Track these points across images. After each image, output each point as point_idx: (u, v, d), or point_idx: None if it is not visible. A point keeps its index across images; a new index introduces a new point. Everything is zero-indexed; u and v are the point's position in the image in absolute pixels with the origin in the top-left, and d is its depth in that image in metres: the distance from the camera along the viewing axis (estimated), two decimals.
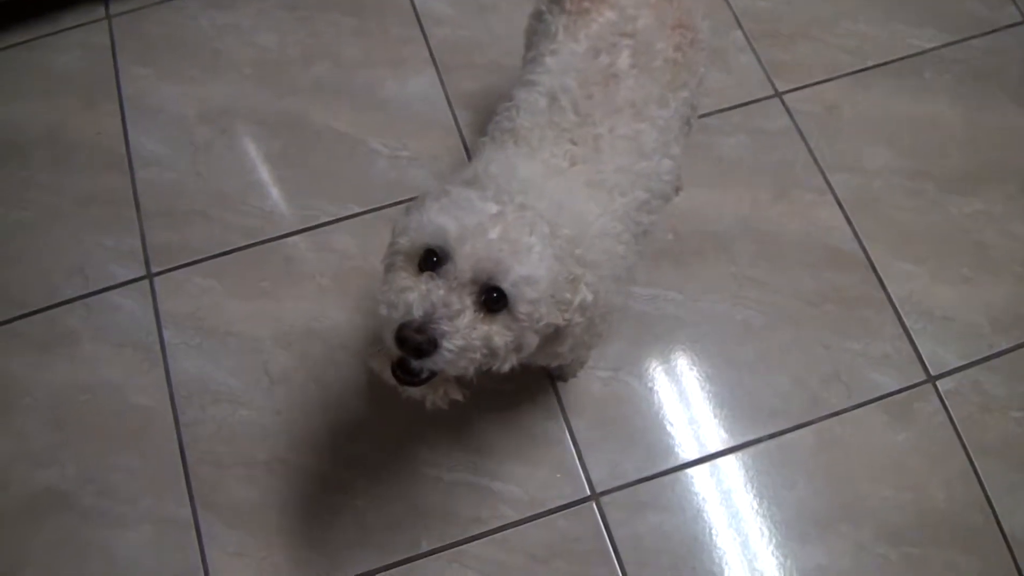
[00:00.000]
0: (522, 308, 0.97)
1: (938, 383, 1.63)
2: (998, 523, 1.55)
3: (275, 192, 1.78)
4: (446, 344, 0.95)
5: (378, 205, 1.77)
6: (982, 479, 1.57)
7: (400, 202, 1.76)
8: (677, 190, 1.62)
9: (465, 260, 0.95)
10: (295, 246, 1.73)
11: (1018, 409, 1.63)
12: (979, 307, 1.70)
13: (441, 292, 0.95)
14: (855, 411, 1.62)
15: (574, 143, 1.15)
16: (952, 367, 1.65)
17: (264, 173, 1.80)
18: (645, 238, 1.25)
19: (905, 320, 1.67)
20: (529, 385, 1.59)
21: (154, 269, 1.72)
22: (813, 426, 1.60)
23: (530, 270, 0.95)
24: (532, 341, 1.02)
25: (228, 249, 1.73)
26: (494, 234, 0.95)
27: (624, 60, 1.20)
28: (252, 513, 1.55)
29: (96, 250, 1.73)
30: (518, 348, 1.02)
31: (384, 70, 1.89)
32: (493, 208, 0.98)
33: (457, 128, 1.83)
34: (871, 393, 1.63)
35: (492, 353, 1.00)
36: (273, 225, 1.75)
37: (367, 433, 1.58)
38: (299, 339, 1.66)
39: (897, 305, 1.68)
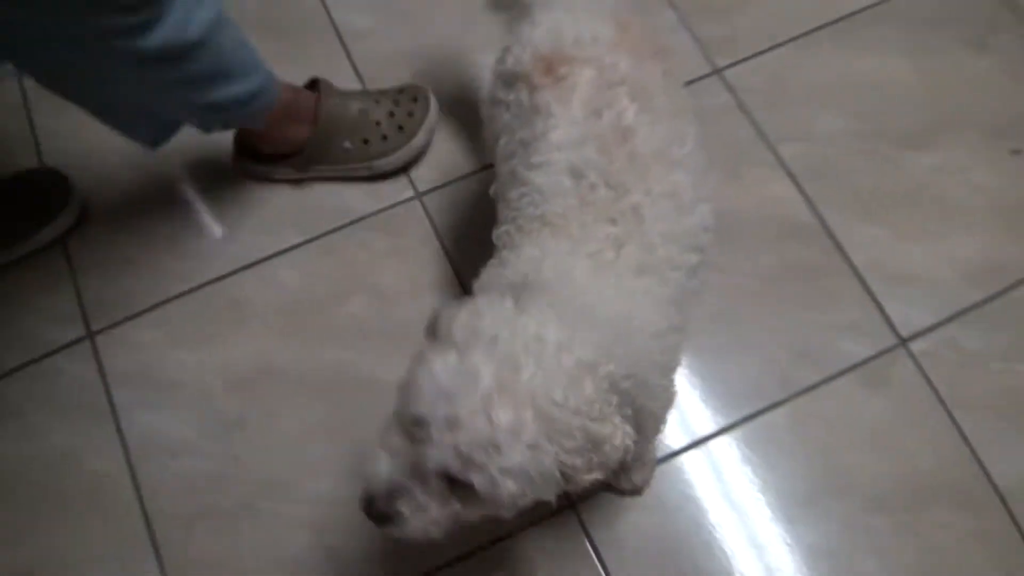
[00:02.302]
0: (502, 497, 0.86)
1: (910, 345, 1.59)
2: (987, 476, 1.51)
3: (212, 230, 1.73)
4: (405, 525, 0.89)
5: (323, 231, 1.72)
6: (966, 435, 1.53)
7: (341, 227, 1.71)
8: None
9: (437, 450, 0.84)
10: (239, 285, 1.67)
11: (998, 360, 1.59)
12: (947, 262, 1.65)
13: (405, 477, 0.88)
14: (828, 384, 1.57)
15: (614, 222, 1.07)
16: (924, 327, 1.61)
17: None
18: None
19: (870, 285, 1.63)
20: None
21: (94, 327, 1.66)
22: (786, 405, 1.56)
23: (512, 461, 0.82)
24: (527, 501, 0.90)
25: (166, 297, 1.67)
26: (477, 421, 0.82)
27: (629, 110, 1.12)
28: (223, 566, 1.50)
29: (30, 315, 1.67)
30: (513, 508, 0.91)
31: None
32: (486, 380, 0.83)
33: None
34: (843, 363, 1.58)
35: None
36: (211, 266, 1.69)
37: (328, 467, 1.53)
38: (251, 382, 1.61)
39: (860, 271, 1.64)
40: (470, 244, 1.68)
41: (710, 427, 1.55)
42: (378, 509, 0.89)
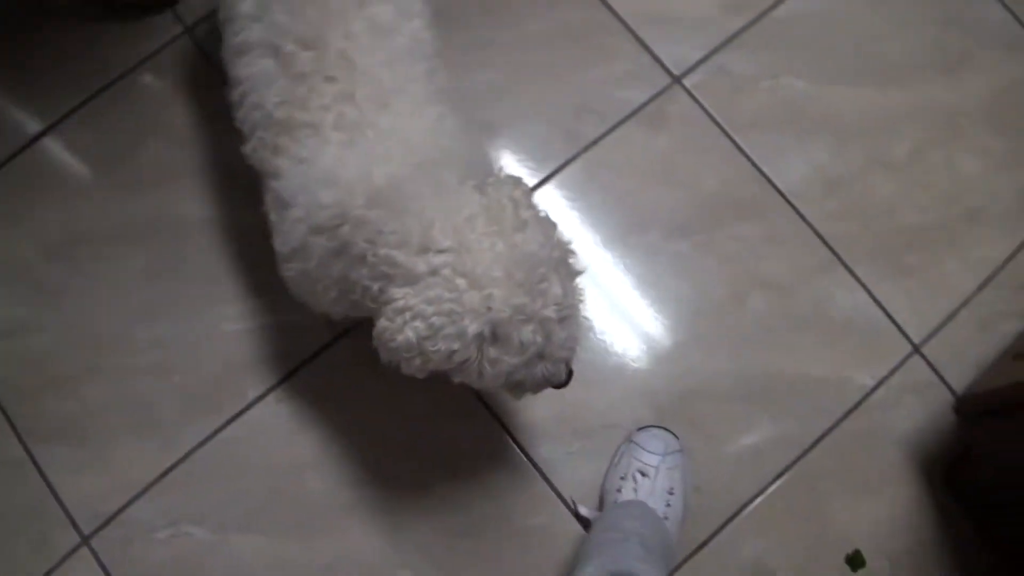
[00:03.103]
0: None
1: (684, 80, 1.67)
2: (772, 185, 1.62)
3: None
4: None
5: (105, 83, 1.68)
6: (746, 151, 1.64)
7: (125, 73, 1.68)
8: None
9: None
10: (39, 153, 1.64)
11: (767, 78, 1.69)
12: None
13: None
14: (613, 132, 1.65)
15: (332, 80, 1.07)
16: (693, 61, 1.68)
17: None
18: None
19: (637, 31, 1.69)
20: None
21: None
22: (577, 160, 1.64)
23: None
24: None
25: None
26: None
27: None
28: (81, 426, 1.54)
29: None
30: None
31: None
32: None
33: None
34: (623, 111, 1.66)
35: None
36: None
37: (162, 312, 1.57)
38: (65, 247, 1.61)
39: (627, 21, 1.70)
40: None
41: None
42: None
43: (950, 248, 1.61)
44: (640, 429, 1.47)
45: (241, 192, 1.54)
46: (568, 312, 0.99)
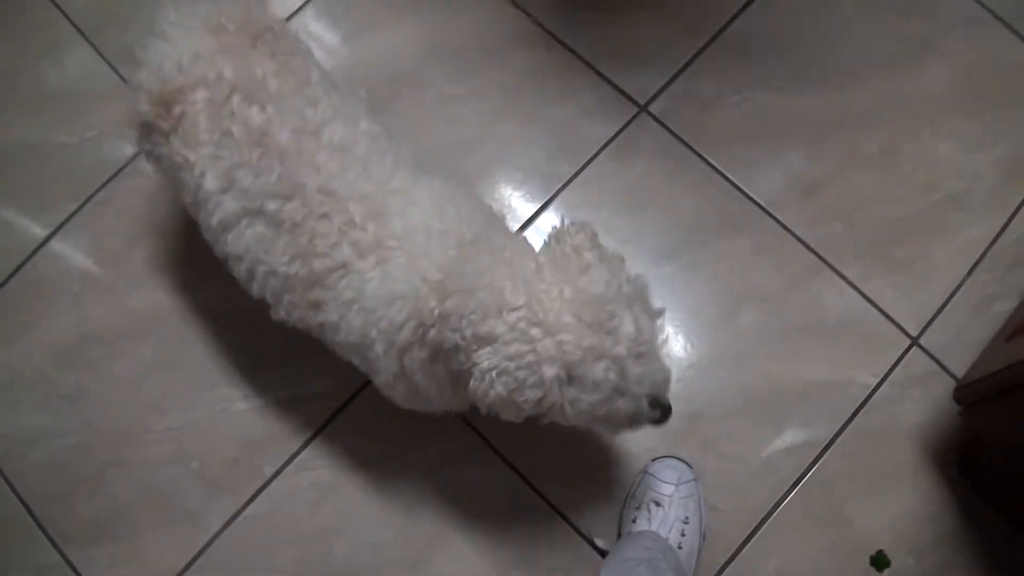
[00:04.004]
0: None
1: (650, 107, 1.70)
2: (750, 198, 1.65)
3: None
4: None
5: (90, 193, 1.74)
6: (721, 170, 1.66)
7: (108, 181, 1.74)
8: None
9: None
10: (35, 270, 1.71)
11: (732, 94, 1.71)
12: (661, 25, 1.75)
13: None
14: (587, 168, 1.68)
15: (326, 217, 1.10)
16: (658, 88, 1.71)
17: None
18: None
19: (597, 67, 1.72)
20: None
21: None
22: (556, 199, 1.68)
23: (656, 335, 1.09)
24: None
25: None
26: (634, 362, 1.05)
27: (251, 113, 1.12)
28: (110, 523, 1.58)
29: None
30: None
31: (38, 62, 1.84)
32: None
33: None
34: (595, 146, 1.69)
35: None
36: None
37: (173, 401, 1.61)
38: (76, 352, 1.66)
39: (586, 58, 1.73)
40: None
41: None
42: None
43: (936, 236, 1.61)
44: (654, 460, 1.49)
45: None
46: (643, 348, 1.01)
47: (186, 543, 1.55)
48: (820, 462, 1.52)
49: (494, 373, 0.99)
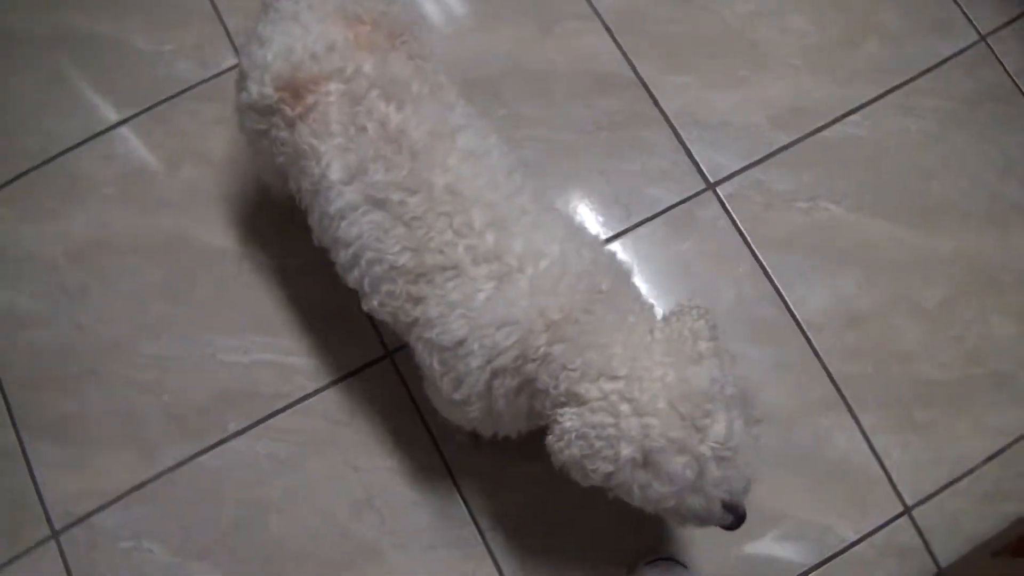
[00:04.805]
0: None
1: (718, 188, 1.63)
2: (790, 310, 1.57)
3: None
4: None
5: (150, 104, 1.74)
6: (770, 272, 1.59)
7: (170, 97, 1.73)
8: None
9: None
10: (77, 160, 1.72)
11: (804, 200, 1.64)
12: (757, 107, 1.68)
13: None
14: (638, 228, 1.62)
15: (448, 216, 1.08)
16: (731, 171, 1.64)
17: None
18: None
19: (680, 132, 1.66)
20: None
21: None
22: (616, 240, 1.62)
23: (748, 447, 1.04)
24: None
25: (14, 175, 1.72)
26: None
27: (390, 112, 1.10)
28: (72, 426, 1.59)
29: None
30: None
31: None
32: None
33: (216, 13, 1.79)
34: (652, 209, 1.64)
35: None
36: (56, 143, 1.73)
37: (167, 331, 1.61)
38: (90, 251, 1.66)
39: (671, 119, 1.67)
40: None
41: None
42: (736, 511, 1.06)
43: (965, 411, 1.53)
44: (648, 563, 1.43)
45: (263, 230, 1.59)
46: (728, 453, 0.98)
47: (135, 470, 1.55)
48: None
49: (573, 435, 0.99)
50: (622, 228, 1.62)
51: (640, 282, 1.51)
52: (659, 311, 1.14)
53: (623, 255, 1.61)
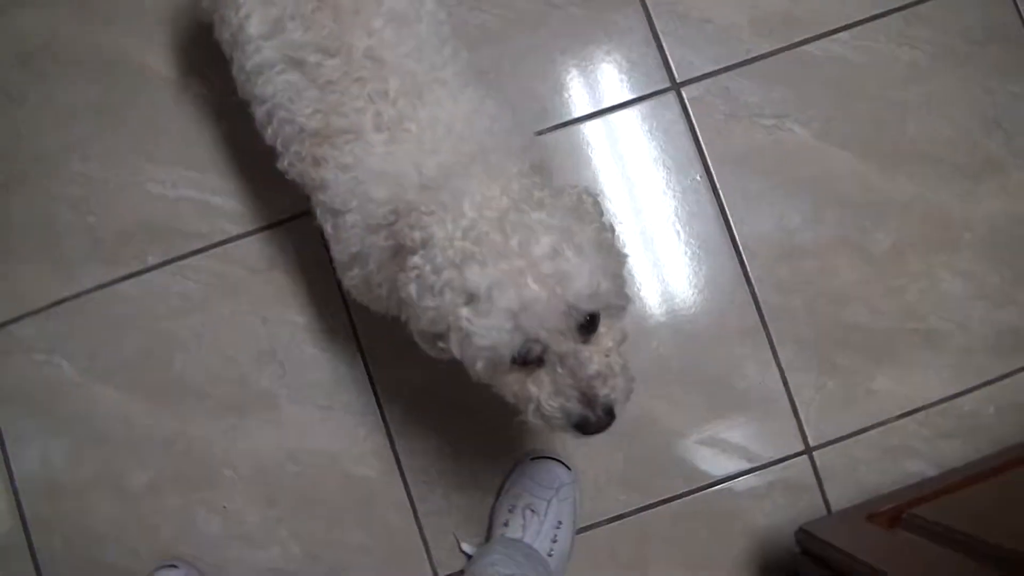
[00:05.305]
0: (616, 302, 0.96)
1: (683, 90, 1.54)
2: (730, 231, 1.54)
3: None
4: (618, 404, 0.96)
5: None
6: (718, 188, 1.53)
7: None
8: None
9: (544, 332, 0.90)
10: None
11: (770, 117, 1.54)
12: (742, 7, 1.54)
13: (569, 380, 0.93)
14: (588, 121, 1.56)
15: (361, 81, 1.03)
16: (700, 73, 1.54)
17: None
18: None
19: (656, 22, 1.55)
20: None
21: None
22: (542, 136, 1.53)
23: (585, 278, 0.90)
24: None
25: None
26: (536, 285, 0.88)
27: None
28: None
29: None
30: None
31: None
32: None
33: None
34: (608, 100, 1.56)
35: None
36: None
37: (97, 150, 1.58)
38: (38, 56, 1.62)
39: (648, 5, 1.55)
40: None
41: None
42: (597, 418, 0.96)
43: (888, 364, 1.48)
44: (532, 459, 1.42)
45: (209, 63, 1.51)
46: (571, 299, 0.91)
47: (52, 287, 1.57)
48: (652, 510, 1.46)
49: (413, 273, 0.94)
50: (569, 117, 1.53)
51: (577, 178, 1.47)
52: None
53: (565, 146, 1.53)
